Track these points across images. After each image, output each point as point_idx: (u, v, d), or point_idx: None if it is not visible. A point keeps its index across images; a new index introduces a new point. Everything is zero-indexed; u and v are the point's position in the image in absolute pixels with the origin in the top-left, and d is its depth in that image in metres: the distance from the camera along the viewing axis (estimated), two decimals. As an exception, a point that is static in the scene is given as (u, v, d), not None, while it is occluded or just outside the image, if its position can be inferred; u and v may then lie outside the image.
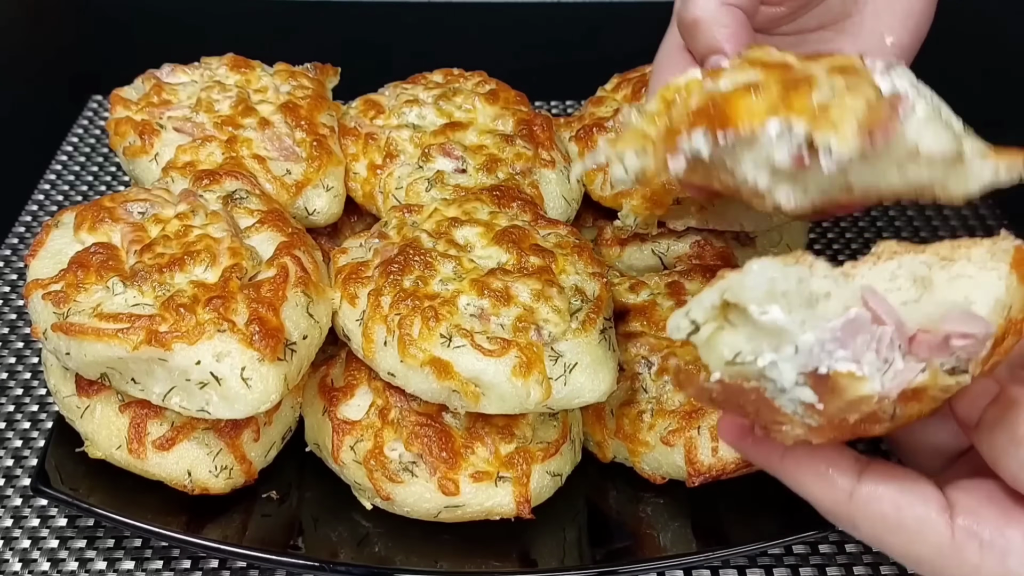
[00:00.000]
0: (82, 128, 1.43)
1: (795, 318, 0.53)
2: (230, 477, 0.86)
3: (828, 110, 0.59)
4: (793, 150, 0.60)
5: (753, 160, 0.62)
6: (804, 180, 0.62)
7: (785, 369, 0.53)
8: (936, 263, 0.58)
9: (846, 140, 0.58)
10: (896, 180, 0.62)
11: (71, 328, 0.79)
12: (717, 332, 0.56)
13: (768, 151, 0.61)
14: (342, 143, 1.04)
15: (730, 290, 0.55)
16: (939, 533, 0.58)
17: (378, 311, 0.84)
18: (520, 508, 0.84)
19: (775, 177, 0.62)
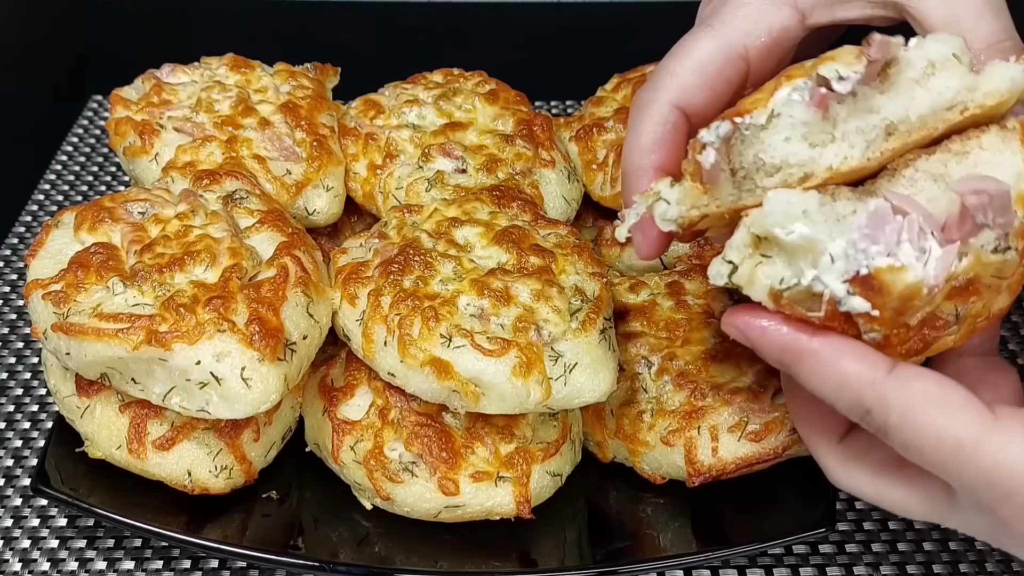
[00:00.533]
0: (82, 128, 1.43)
1: (822, 230, 0.55)
2: (230, 477, 0.86)
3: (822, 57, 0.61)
4: (808, 97, 0.60)
5: (784, 136, 0.61)
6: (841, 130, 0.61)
7: (830, 281, 0.55)
8: (951, 159, 0.59)
9: (847, 60, 0.59)
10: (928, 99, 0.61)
11: (71, 328, 0.79)
12: (756, 267, 0.58)
13: (790, 115, 0.61)
14: (342, 143, 1.04)
15: (754, 223, 0.57)
16: (982, 410, 0.55)
17: (378, 311, 0.84)
18: (520, 508, 0.84)
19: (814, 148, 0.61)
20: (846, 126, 0.61)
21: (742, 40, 0.70)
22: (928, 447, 0.56)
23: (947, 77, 0.60)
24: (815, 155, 0.61)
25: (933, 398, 0.55)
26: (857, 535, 0.92)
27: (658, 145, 0.71)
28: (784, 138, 0.61)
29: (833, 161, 0.61)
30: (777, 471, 0.88)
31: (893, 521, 0.93)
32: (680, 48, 0.71)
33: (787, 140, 0.61)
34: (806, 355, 0.58)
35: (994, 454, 0.54)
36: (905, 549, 0.90)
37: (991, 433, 0.55)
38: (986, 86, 0.60)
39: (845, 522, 0.93)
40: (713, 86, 0.70)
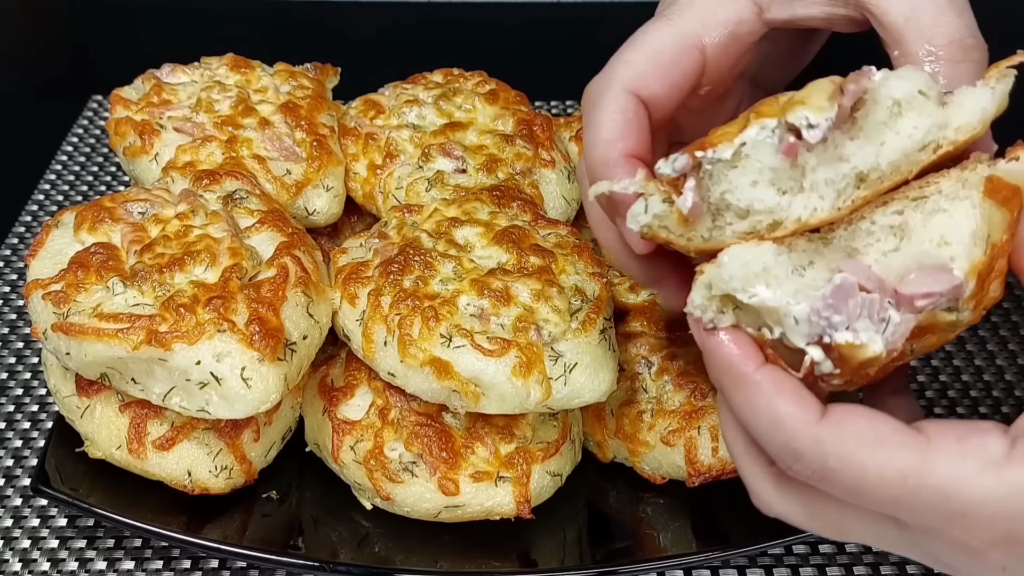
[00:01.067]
0: (82, 128, 1.43)
1: (785, 291, 0.54)
2: (230, 477, 0.86)
3: (793, 98, 0.58)
4: (777, 143, 0.57)
5: (751, 179, 0.58)
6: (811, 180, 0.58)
7: (796, 340, 0.54)
8: (909, 207, 0.57)
9: (819, 106, 0.56)
10: (899, 143, 0.58)
11: (71, 328, 0.79)
12: (734, 313, 0.57)
13: (758, 159, 0.57)
14: (342, 143, 1.04)
15: (713, 284, 0.56)
16: (916, 438, 0.54)
17: (378, 311, 0.84)
18: (520, 508, 0.84)
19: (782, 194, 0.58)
20: (815, 176, 0.57)
21: (697, 31, 0.67)
22: (873, 486, 0.54)
23: (915, 117, 0.58)
24: (784, 203, 0.58)
25: (868, 437, 0.54)
26: (857, 535, 0.92)
27: (621, 134, 0.66)
28: (752, 181, 0.58)
29: (802, 213, 0.58)
30: (777, 471, 0.88)
31: (893, 521, 0.93)
32: (634, 39, 0.69)
33: (754, 184, 0.58)
34: (748, 384, 0.57)
35: (938, 478, 0.53)
36: (905, 549, 0.90)
37: (929, 457, 0.53)
38: (956, 120, 0.58)
39: (845, 522, 0.93)
40: (668, 75, 0.67)
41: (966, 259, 0.54)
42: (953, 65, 0.62)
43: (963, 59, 0.62)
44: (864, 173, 0.57)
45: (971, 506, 0.53)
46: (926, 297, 0.54)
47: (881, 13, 0.63)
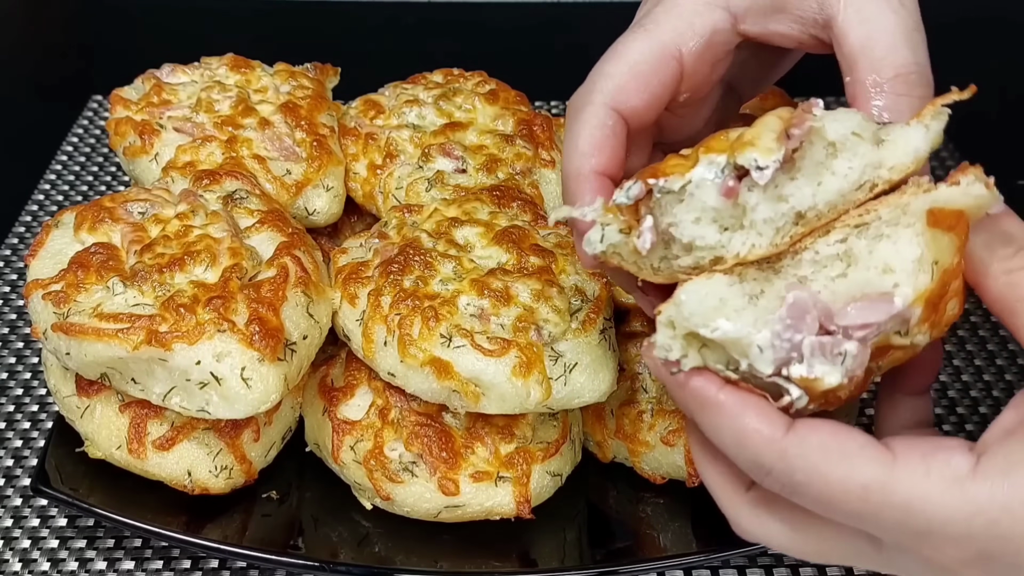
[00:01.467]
0: (82, 128, 1.43)
1: (744, 322, 0.56)
2: (230, 477, 0.86)
3: (742, 136, 0.59)
4: (720, 183, 0.59)
5: (694, 216, 0.60)
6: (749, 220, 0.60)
7: (762, 367, 0.55)
8: (852, 232, 0.58)
9: (768, 148, 0.57)
10: (835, 183, 0.59)
11: (71, 328, 0.79)
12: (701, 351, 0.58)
13: (702, 198, 0.59)
14: (342, 143, 1.04)
15: (673, 322, 0.57)
16: (882, 453, 0.54)
17: (378, 311, 0.84)
18: (520, 508, 0.84)
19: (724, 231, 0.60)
20: (755, 215, 0.59)
21: (675, 41, 0.69)
22: (837, 499, 0.55)
23: (849, 157, 0.59)
24: (724, 240, 0.60)
25: (833, 451, 0.55)
26: (857, 535, 0.92)
27: (597, 149, 0.69)
28: (695, 218, 0.60)
29: (741, 250, 0.59)
30: (777, 471, 0.88)
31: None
32: (614, 51, 0.70)
33: (697, 221, 0.60)
34: (712, 407, 0.58)
35: (902, 494, 0.53)
36: (905, 549, 0.90)
37: (894, 472, 0.53)
38: (891, 160, 0.59)
39: (845, 522, 0.92)
40: (648, 86, 0.69)
41: (911, 286, 0.55)
42: (896, 98, 0.63)
43: (906, 93, 0.63)
44: (802, 212, 0.59)
45: (936, 525, 0.52)
46: (864, 328, 0.55)
47: (841, 37, 0.65)
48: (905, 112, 0.63)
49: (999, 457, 0.52)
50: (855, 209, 0.59)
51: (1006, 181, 1.45)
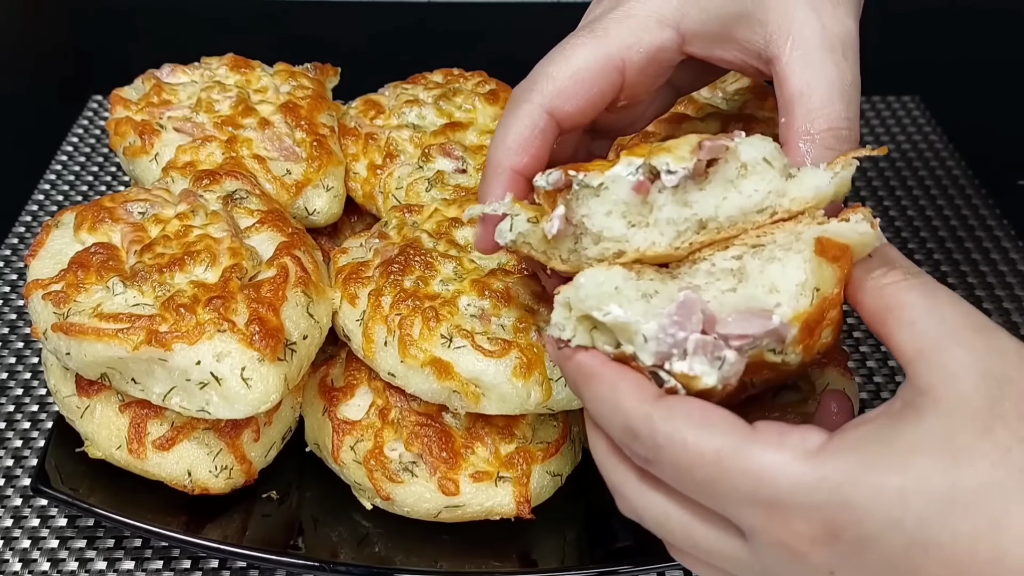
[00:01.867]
0: (82, 128, 1.43)
1: (635, 311, 0.59)
2: (230, 477, 0.86)
3: (662, 144, 0.64)
4: (632, 180, 0.63)
5: (605, 210, 0.64)
6: (655, 218, 0.64)
7: (645, 358, 0.59)
8: (748, 252, 0.62)
9: (681, 156, 0.62)
10: (738, 201, 0.64)
11: (71, 328, 0.79)
12: (591, 333, 0.62)
13: (614, 192, 0.64)
14: (342, 143, 1.04)
15: (570, 303, 0.61)
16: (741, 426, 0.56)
17: (378, 311, 0.84)
18: (520, 508, 0.84)
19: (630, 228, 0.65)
20: (660, 215, 0.64)
21: (621, 53, 0.70)
22: (693, 464, 0.56)
23: (757, 180, 0.63)
24: (629, 234, 0.64)
25: (696, 418, 0.56)
26: (857, 535, 0.91)
27: (522, 147, 0.71)
28: (607, 211, 0.64)
29: (641, 244, 0.64)
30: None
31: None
32: (560, 52, 0.72)
33: (608, 214, 0.65)
34: (593, 377, 0.60)
35: (753, 461, 0.54)
36: (905, 549, 0.90)
37: (748, 442, 0.55)
38: (793, 192, 0.63)
39: (845, 522, 0.92)
40: (587, 94, 0.71)
41: (790, 307, 0.58)
42: (824, 150, 0.65)
43: (834, 147, 0.65)
44: (704, 221, 0.64)
45: (785, 494, 0.53)
46: (741, 338, 0.58)
47: (782, 79, 0.67)
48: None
49: (851, 435, 0.54)
50: (754, 230, 0.64)
51: (1006, 181, 1.46)
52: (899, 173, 1.37)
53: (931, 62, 1.60)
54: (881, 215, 1.28)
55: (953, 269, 1.22)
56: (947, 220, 1.28)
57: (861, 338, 1.13)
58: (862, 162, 0.67)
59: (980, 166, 1.37)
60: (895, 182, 1.35)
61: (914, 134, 1.43)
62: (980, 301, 1.17)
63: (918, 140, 1.42)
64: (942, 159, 1.38)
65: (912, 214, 1.29)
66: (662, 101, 0.80)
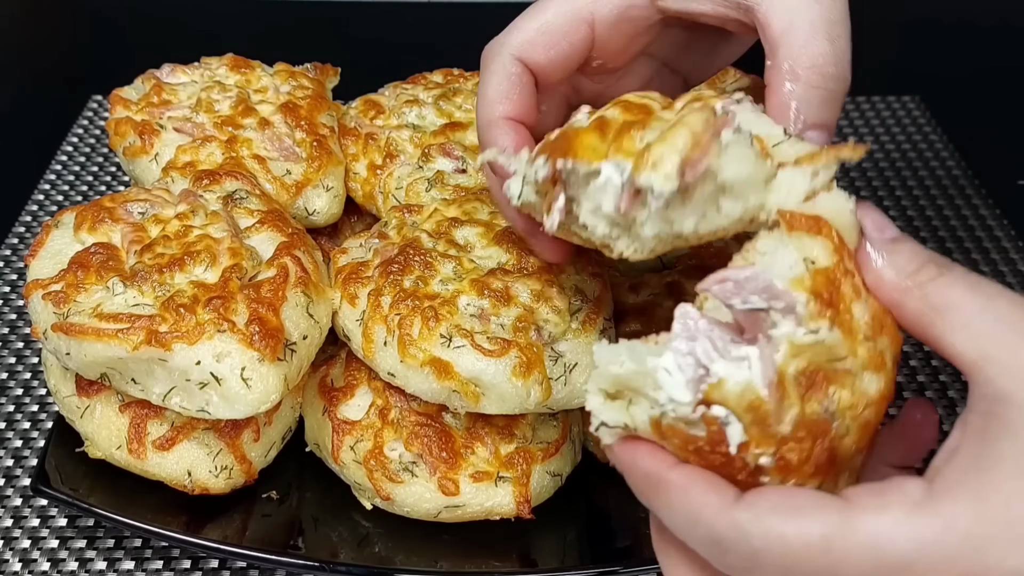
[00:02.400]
0: (82, 128, 1.43)
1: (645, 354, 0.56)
2: (230, 477, 0.86)
3: (650, 148, 0.60)
4: (618, 196, 0.61)
5: (591, 207, 0.63)
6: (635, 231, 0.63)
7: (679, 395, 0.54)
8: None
9: (667, 175, 0.59)
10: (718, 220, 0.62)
11: (71, 328, 0.79)
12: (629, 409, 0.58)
13: (600, 197, 0.62)
14: (342, 143, 1.04)
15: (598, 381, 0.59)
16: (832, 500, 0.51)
17: (378, 311, 0.84)
18: (520, 508, 0.84)
19: (613, 228, 0.64)
20: (642, 230, 0.62)
21: (589, 7, 0.71)
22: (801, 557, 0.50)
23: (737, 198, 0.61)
24: (613, 236, 0.64)
25: (784, 507, 0.52)
26: (857, 535, 0.91)
27: (504, 97, 0.73)
28: (592, 209, 0.63)
29: (624, 250, 0.64)
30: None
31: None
32: (531, 8, 0.74)
33: (594, 212, 0.63)
34: (662, 485, 0.56)
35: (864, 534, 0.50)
36: (905, 549, 0.90)
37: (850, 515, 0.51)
38: (773, 203, 0.61)
39: (845, 522, 0.92)
40: (556, 45, 0.72)
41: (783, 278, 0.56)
42: (809, 89, 0.64)
43: (820, 85, 0.64)
44: (683, 235, 0.62)
45: (912, 555, 0.49)
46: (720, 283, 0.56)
47: (763, 23, 0.66)
48: (814, 104, 0.64)
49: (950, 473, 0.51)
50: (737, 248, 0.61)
51: (1006, 181, 1.46)
52: (899, 173, 1.36)
53: (931, 62, 1.60)
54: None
55: (953, 269, 1.21)
56: (947, 220, 1.28)
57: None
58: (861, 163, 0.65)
59: (980, 166, 1.37)
60: (895, 182, 1.35)
61: (914, 134, 1.43)
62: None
63: (918, 140, 1.42)
64: (942, 159, 1.38)
65: (912, 214, 1.29)
66: (643, 72, 0.79)
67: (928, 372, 1.08)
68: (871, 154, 1.38)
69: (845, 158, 0.61)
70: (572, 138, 0.63)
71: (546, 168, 0.64)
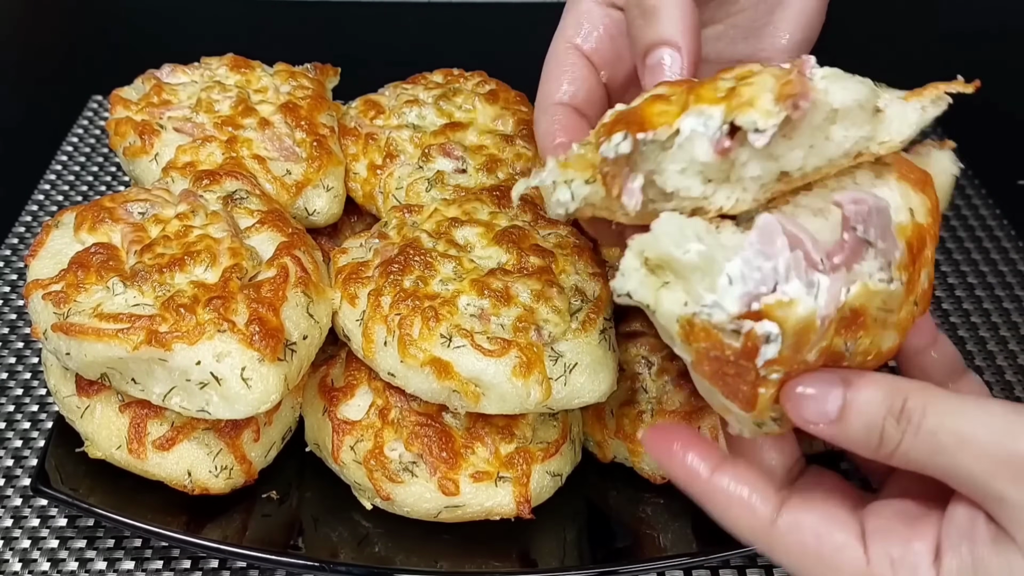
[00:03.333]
0: (82, 128, 1.43)
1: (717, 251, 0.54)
2: (230, 477, 0.86)
3: (737, 91, 0.57)
4: (714, 139, 0.57)
5: (679, 167, 0.59)
6: (737, 175, 0.59)
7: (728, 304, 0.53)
8: (828, 195, 0.59)
9: (767, 111, 0.56)
10: (827, 149, 0.59)
11: (71, 328, 0.79)
12: (659, 291, 0.56)
13: (690, 151, 0.58)
14: (342, 143, 1.04)
15: (647, 247, 0.56)
16: (856, 559, 0.58)
17: (378, 311, 0.84)
18: (520, 508, 0.84)
19: (708, 184, 0.60)
20: (744, 171, 0.59)
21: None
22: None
23: (848, 127, 0.59)
24: (708, 191, 0.59)
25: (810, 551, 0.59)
26: (857, 535, 0.91)
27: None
28: (680, 169, 0.59)
29: (725, 204, 0.60)
30: (777, 471, 0.89)
31: (893, 521, 0.93)
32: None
33: (683, 172, 0.59)
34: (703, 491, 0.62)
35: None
36: (905, 549, 0.90)
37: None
38: (883, 136, 0.60)
39: (845, 522, 0.92)
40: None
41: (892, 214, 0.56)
42: None
43: None
44: (788, 172, 0.59)
45: None
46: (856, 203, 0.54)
47: None
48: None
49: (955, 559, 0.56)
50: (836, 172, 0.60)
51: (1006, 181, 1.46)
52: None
53: (931, 61, 1.60)
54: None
55: (953, 269, 1.22)
56: (947, 220, 1.28)
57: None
58: None
59: (980, 166, 1.37)
60: (895, 182, 1.35)
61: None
62: (980, 301, 1.17)
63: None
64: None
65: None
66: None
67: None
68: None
69: (955, 90, 0.60)
70: (638, 112, 0.59)
71: (626, 143, 0.58)
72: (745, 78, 0.58)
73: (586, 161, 0.62)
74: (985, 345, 1.11)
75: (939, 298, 1.17)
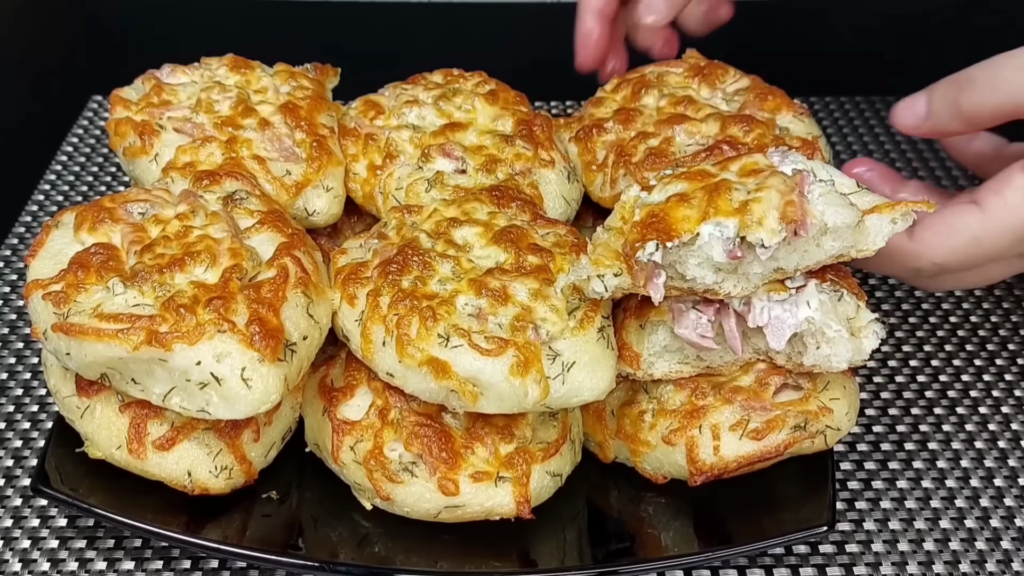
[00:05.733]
0: (82, 128, 1.43)
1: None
2: (230, 477, 0.86)
3: (748, 207, 0.76)
4: (728, 248, 0.77)
5: (697, 262, 0.78)
6: (743, 271, 0.79)
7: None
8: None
9: (772, 231, 0.75)
10: (817, 254, 0.79)
11: (71, 328, 0.79)
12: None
13: (707, 252, 0.77)
14: (342, 144, 1.04)
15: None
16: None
17: (376, 311, 0.84)
18: (520, 508, 0.84)
19: (719, 274, 0.79)
20: (749, 268, 0.79)
21: None
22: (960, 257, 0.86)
23: (836, 238, 0.79)
24: (718, 279, 0.80)
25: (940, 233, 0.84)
26: (857, 535, 0.92)
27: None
28: (697, 263, 0.79)
29: (732, 291, 0.80)
30: (778, 471, 0.89)
31: (893, 520, 0.93)
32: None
33: (699, 265, 0.79)
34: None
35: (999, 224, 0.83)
36: (905, 549, 0.90)
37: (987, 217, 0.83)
38: (862, 244, 0.79)
39: (845, 522, 0.93)
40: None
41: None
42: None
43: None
44: (783, 269, 0.80)
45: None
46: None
47: None
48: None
49: None
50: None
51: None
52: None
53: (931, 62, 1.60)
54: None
55: (953, 269, 1.22)
56: (947, 220, 1.28)
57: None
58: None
59: (980, 166, 1.36)
60: (895, 182, 1.35)
61: (914, 134, 1.43)
62: (980, 301, 1.17)
63: (917, 139, 1.42)
64: (942, 159, 1.38)
65: (912, 214, 1.29)
66: None
67: (929, 372, 1.09)
68: (870, 154, 1.38)
69: (922, 209, 0.78)
70: (665, 219, 0.78)
71: (659, 253, 0.77)
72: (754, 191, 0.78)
73: (612, 251, 0.81)
74: (985, 345, 1.11)
75: (939, 299, 1.17)
